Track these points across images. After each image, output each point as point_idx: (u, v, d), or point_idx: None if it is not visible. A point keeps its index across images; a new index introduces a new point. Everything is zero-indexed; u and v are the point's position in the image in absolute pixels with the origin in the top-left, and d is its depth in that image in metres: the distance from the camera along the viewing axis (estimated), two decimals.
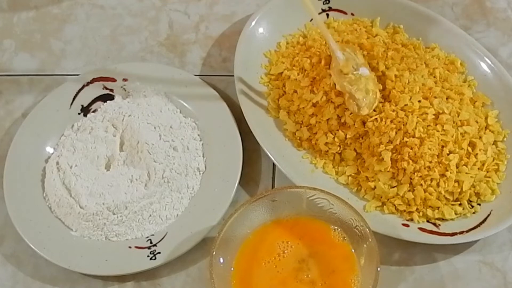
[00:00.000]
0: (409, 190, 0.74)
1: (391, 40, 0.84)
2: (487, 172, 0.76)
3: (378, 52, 0.80)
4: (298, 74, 0.81)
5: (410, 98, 0.75)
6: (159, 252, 0.73)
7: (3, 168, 0.79)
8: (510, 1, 0.93)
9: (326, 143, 0.78)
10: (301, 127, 0.80)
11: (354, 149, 0.78)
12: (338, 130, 0.77)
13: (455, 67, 0.83)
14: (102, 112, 0.82)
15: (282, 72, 0.83)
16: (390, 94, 0.77)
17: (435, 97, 0.76)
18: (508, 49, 0.89)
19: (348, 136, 0.77)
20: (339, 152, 0.78)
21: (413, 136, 0.74)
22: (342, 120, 0.77)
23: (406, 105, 0.75)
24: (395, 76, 0.78)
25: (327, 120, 0.78)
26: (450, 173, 0.73)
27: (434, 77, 0.80)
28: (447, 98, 0.78)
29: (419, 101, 0.76)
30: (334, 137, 0.77)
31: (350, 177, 0.77)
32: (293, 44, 0.86)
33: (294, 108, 0.80)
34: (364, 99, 0.75)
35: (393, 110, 0.75)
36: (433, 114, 0.75)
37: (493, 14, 0.92)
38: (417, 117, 0.75)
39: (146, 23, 0.93)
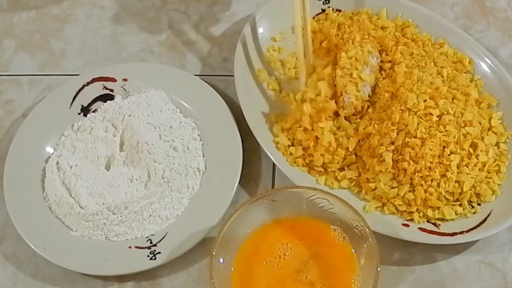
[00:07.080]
0: (409, 191, 0.74)
1: (401, 34, 0.84)
2: (488, 173, 0.76)
3: (388, 45, 0.80)
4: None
5: (417, 97, 0.75)
6: (159, 252, 0.73)
7: (3, 168, 0.79)
8: (510, 1, 0.93)
9: (323, 163, 0.77)
10: (293, 144, 0.78)
11: (354, 153, 0.77)
12: (337, 150, 0.76)
13: (463, 66, 0.82)
14: (102, 112, 0.82)
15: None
16: (398, 91, 0.76)
17: (441, 98, 0.76)
18: (508, 49, 0.88)
19: (349, 150, 0.76)
20: (339, 168, 0.77)
21: (415, 137, 0.74)
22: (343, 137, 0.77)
23: (413, 104, 0.75)
24: (405, 72, 0.77)
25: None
26: (451, 173, 0.73)
27: (442, 76, 0.79)
28: (452, 99, 0.77)
29: (425, 101, 0.75)
30: (333, 157, 0.76)
31: (351, 180, 0.77)
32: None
33: (287, 126, 0.78)
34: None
35: (399, 110, 0.75)
36: (437, 115, 0.75)
37: (493, 14, 0.92)
38: (420, 117, 0.75)
39: (146, 23, 0.93)
